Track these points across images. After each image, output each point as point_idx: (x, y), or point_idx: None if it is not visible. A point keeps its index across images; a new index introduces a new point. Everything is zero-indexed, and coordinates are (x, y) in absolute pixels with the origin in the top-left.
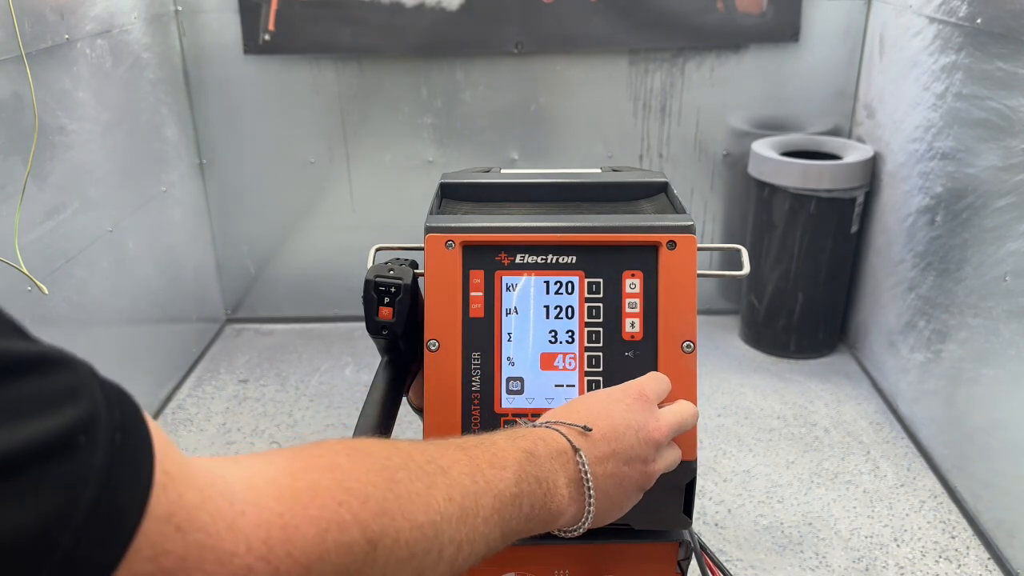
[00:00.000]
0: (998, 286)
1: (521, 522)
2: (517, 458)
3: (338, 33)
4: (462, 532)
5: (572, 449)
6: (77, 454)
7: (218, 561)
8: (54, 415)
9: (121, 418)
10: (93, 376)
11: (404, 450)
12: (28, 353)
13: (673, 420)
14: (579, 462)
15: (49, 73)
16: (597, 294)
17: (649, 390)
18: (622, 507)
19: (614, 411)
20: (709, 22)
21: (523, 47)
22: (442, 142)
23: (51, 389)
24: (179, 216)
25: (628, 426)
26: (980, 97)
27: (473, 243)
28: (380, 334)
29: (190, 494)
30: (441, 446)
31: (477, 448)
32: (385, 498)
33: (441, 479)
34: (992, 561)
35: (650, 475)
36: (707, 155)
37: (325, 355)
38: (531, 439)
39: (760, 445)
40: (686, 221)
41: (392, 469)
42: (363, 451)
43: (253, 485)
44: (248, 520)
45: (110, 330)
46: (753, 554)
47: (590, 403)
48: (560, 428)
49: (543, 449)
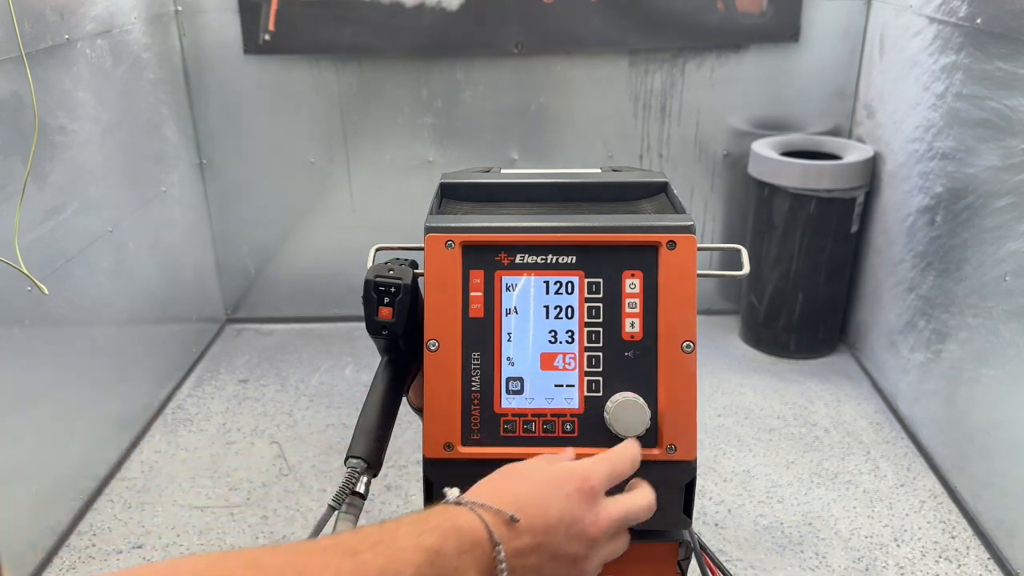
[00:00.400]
0: (998, 286)
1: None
2: (416, 561)
3: (338, 33)
4: None
5: (491, 543)
6: None
7: None
8: None
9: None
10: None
11: (271, 572)
12: None
13: (617, 514)
14: (496, 557)
15: (49, 73)
16: (597, 294)
17: (597, 478)
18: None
19: (550, 500)
20: (709, 22)
21: (523, 47)
22: (442, 142)
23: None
24: (179, 216)
25: (560, 520)
26: (980, 97)
27: (473, 243)
28: (380, 334)
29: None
30: (326, 552)
31: (371, 551)
32: None
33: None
34: (992, 561)
35: (581, 571)
36: (707, 155)
37: (325, 355)
38: (441, 533)
39: (760, 445)
40: (686, 221)
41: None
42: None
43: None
44: None
45: (110, 330)
46: (753, 554)
47: (525, 484)
48: (483, 514)
49: (453, 544)
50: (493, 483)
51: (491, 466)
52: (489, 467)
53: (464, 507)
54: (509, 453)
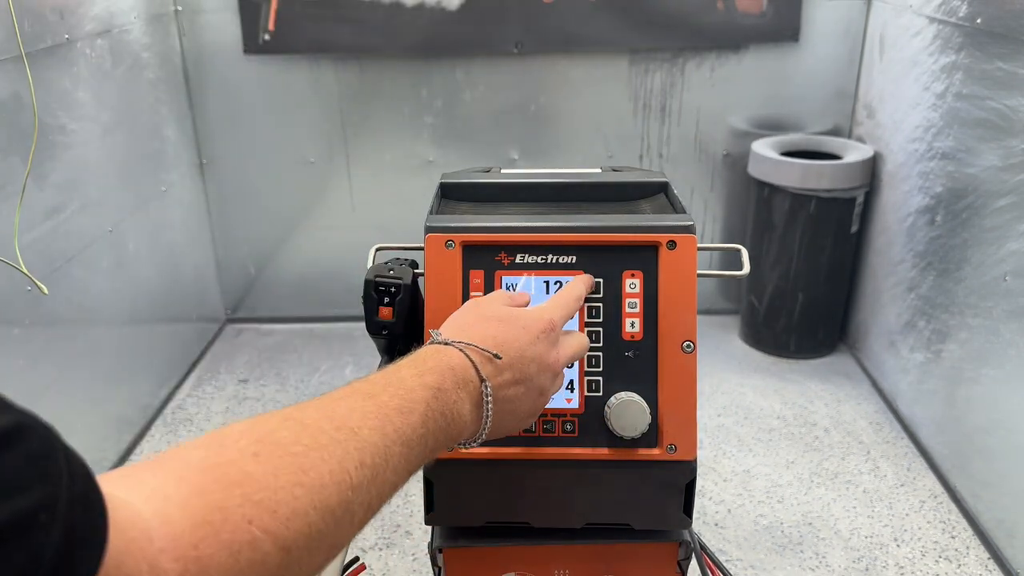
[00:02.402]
0: (998, 286)
1: (426, 456)
2: (424, 398)
3: (338, 33)
4: (372, 492)
5: (479, 379)
6: (36, 533)
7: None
8: (21, 495)
9: (81, 488)
10: (58, 443)
11: (312, 423)
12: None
13: (571, 351)
14: (483, 392)
15: (49, 73)
16: (597, 294)
17: (557, 320)
18: (511, 428)
19: (524, 342)
20: (709, 22)
21: (523, 47)
22: (442, 142)
23: (18, 465)
24: (179, 216)
25: (533, 359)
26: (980, 97)
27: (473, 243)
28: (380, 334)
29: (116, 541)
30: (349, 399)
31: (385, 393)
32: (295, 496)
33: (353, 444)
34: (992, 561)
35: (545, 398)
36: (707, 155)
37: (325, 355)
38: (439, 372)
39: (760, 445)
40: (686, 221)
41: (302, 455)
42: (271, 441)
43: (167, 516)
44: (167, 556)
45: (110, 330)
46: (753, 554)
47: (501, 328)
48: (471, 354)
49: (450, 381)
50: (469, 323)
51: (491, 467)
52: (489, 468)
53: (453, 347)
54: (509, 453)
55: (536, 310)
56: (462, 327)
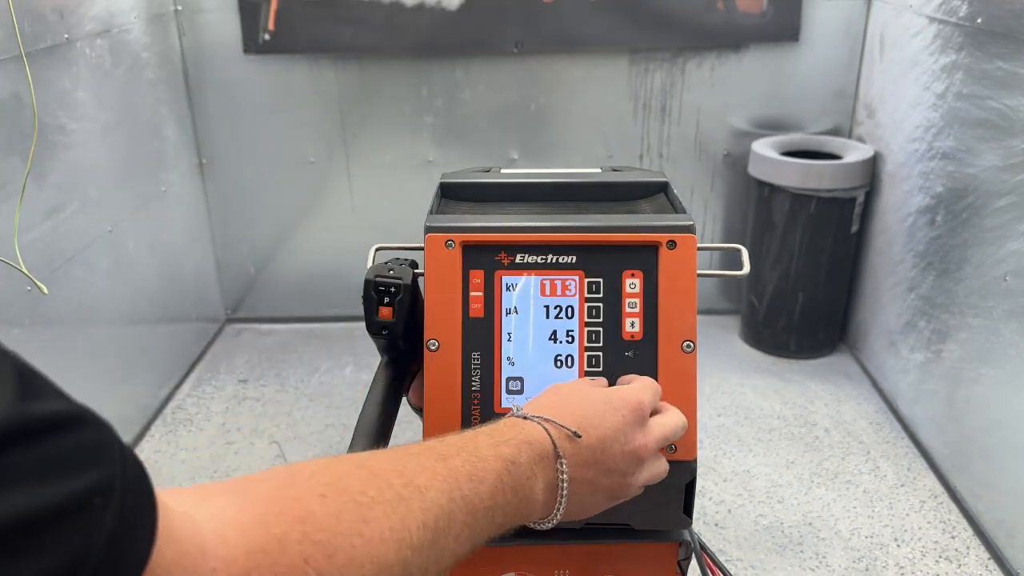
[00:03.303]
0: (998, 286)
1: (492, 530)
2: (497, 469)
3: (338, 33)
4: (432, 556)
5: (555, 455)
6: (92, 515)
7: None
8: (76, 477)
9: (134, 481)
10: (113, 435)
11: (383, 475)
12: (55, 412)
13: (661, 434)
14: (559, 470)
15: (49, 73)
16: (597, 294)
17: (646, 403)
18: (587, 512)
19: (607, 420)
20: (709, 22)
21: (523, 47)
22: (442, 142)
23: (77, 449)
24: (179, 216)
25: (616, 439)
26: (980, 97)
27: (473, 243)
28: (380, 334)
29: (169, 550)
30: (421, 456)
31: (458, 457)
32: (353, 545)
33: (418, 503)
34: (992, 561)
35: (626, 487)
36: (707, 155)
37: (325, 355)
38: (515, 445)
39: (760, 445)
40: (686, 221)
41: (367, 506)
42: (339, 487)
43: (225, 537)
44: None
45: (110, 330)
46: (753, 554)
47: (585, 404)
48: (549, 429)
49: (526, 456)
50: (552, 401)
51: None
52: None
53: (532, 422)
54: None
55: (624, 390)
56: (544, 405)
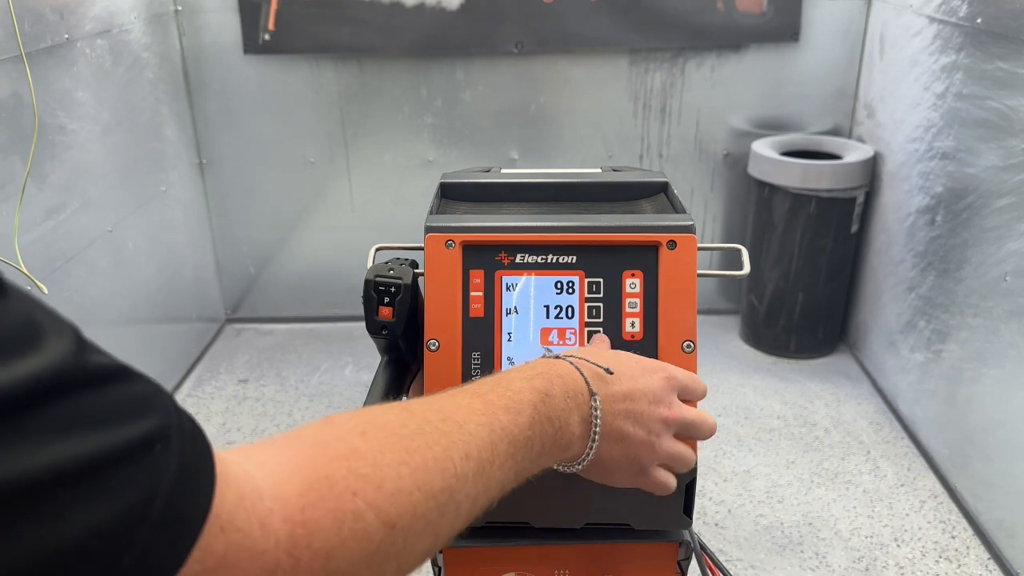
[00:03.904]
0: (998, 286)
1: (532, 460)
2: (532, 400)
3: (338, 33)
4: (479, 486)
5: (588, 391)
6: (154, 460)
7: (251, 559)
8: (136, 422)
9: (190, 429)
10: (163, 390)
11: (419, 413)
12: (110, 365)
13: (689, 414)
14: (592, 405)
15: (49, 73)
16: (597, 294)
17: (678, 377)
18: (616, 471)
19: (639, 376)
20: (709, 22)
21: (523, 47)
22: (442, 142)
23: (133, 398)
24: (179, 216)
25: (645, 394)
26: (980, 97)
27: (473, 243)
28: (380, 334)
29: (229, 494)
30: (456, 396)
31: (493, 392)
32: (400, 475)
33: (458, 436)
34: (992, 561)
35: (651, 450)
36: (707, 155)
37: (325, 355)
38: (548, 378)
39: (760, 445)
40: (686, 221)
41: (407, 438)
42: (378, 424)
43: (277, 480)
44: (276, 517)
45: (110, 330)
46: (753, 554)
47: (618, 358)
48: (582, 366)
49: (559, 388)
50: (586, 351)
51: None
52: None
53: (564, 360)
54: None
55: (658, 361)
56: (584, 350)
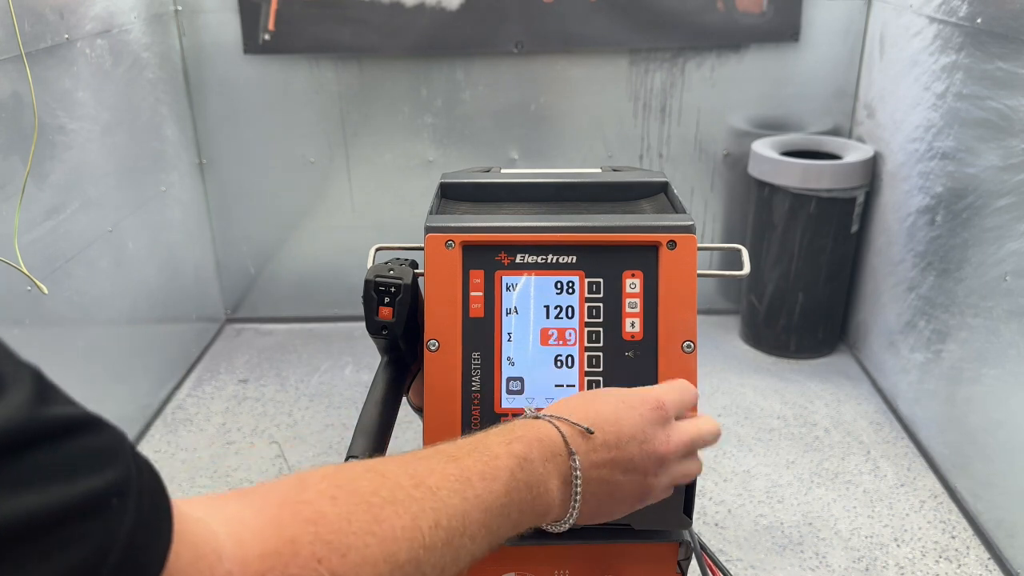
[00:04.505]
0: (998, 286)
1: (508, 529)
2: (509, 466)
3: (338, 33)
4: (447, 556)
5: (567, 452)
6: (110, 515)
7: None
8: (93, 477)
9: (149, 483)
10: (126, 442)
11: (392, 477)
12: (71, 416)
13: (686, 437)
14: (572, 466)
15: (49, 73)
16: (597, 294)
17: (669, 401)
18: (611, 513)
19: (624, 417)
20: (709, 22)
21: (523, 47)
22: (442, 142)
23: (92, 451)
24: (179, 216)
25: (633, 436)
26: (980, 97)
27: (473, 243)
28: (380, 334)
29: (185, 553)
30: (431, 459)
31: (469, 457)
32: (366, 544)
33: (429, 503)
34: (992, 561)
35: (650, 487)
36: (707, 155)
37: (325, 355)
38: (527, 442)
39: (760, 445)
40: (686, 221)
41: (378, 507)
42: (349, 489)
43: (240, 540)
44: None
45: (110, 330)
46: (753, 554)
47: (601, 403)
48: (560, 427)
49: (537, 452)
50: (570, 403)
51: None
52: None
53: (543, 420)
54: None
55: (644, 389)
56: (558, 407)
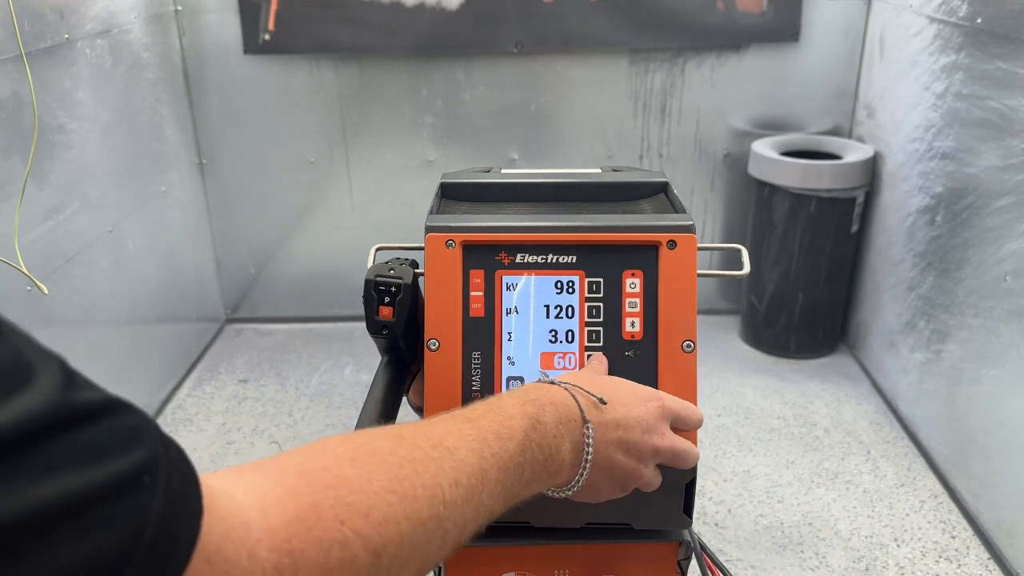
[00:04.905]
0: (998, 286)
1: (522, 487)
2: (523, 426)
3: (338, 33)
4: (467, 513)
5: (582, 419)
6: (142, 492)
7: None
8: (124, 456)
9: (177, 460)
10: (153, 423)
11: (409, 438)
12: (98, 399)
13: (677, 445)
14: (585, 433)
15: (49, 73)
16: (597, 294)
17: (671, 406)
18: (601, 493)
19: (633, 404)
20: (709, 22)
21: (523, 47)
22: (442, 142)
23: (121, 432)
24: (179, 216)
25: (639, 423)
26: (980, 97)
27: (473, 243)
28: (380, 334)
29: (217, 525)
30: (448, 421)
31: (484, 418)
32: (388, 503)
33: (448, 462)
34: (992, 561)
35: (637, 476)
36: (707, 155)
37: (325, 355)
38: (540, 404)
39: (760, 445)
40: (686, 221)
41: (397, 465)
42: (368, 450)
43: (264, 510)
44: (263, 547)
45: (110, 330)
46: (753, 554)
47: (614, 384)
48: (576, 393)
49: (551, 415)
50: (580, 376)
51: None
52: None
53: (558, 386)
54: None
55: (652, 389)
56: (574, 377)
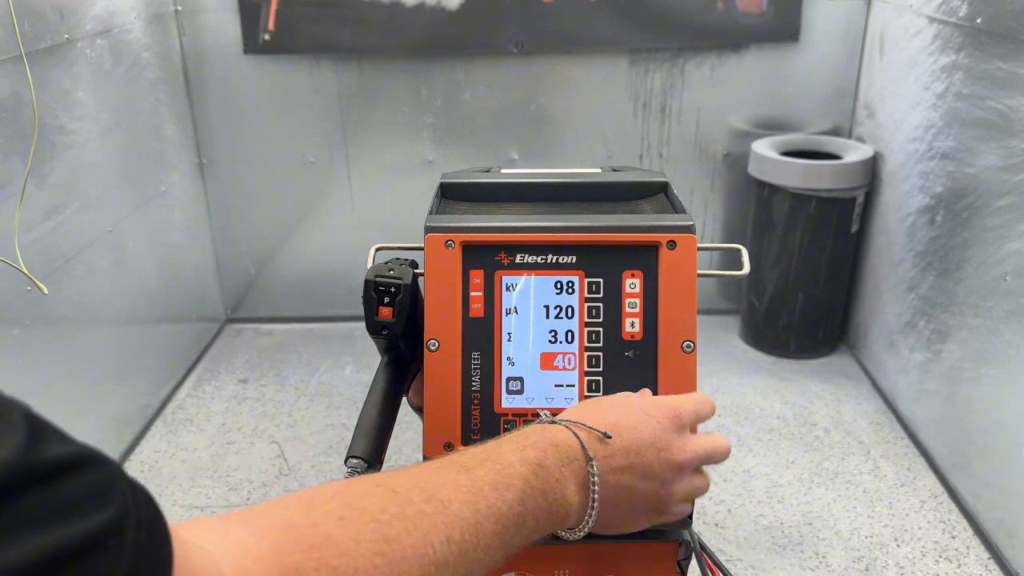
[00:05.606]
0: (998, 286)
1: (524, 538)
2: (523, 473)
3: (338, 33)
4: (460, 570)
5: (585, 457)
6: (108, 554)
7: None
8: (89, 517)
9: (146, 516)
10: (121, 474)
11: (402, 492)
12: (63, 455)
13: (702, 449)
14: (589, 471)
15: (49, 73)
16: (597, 294)
17: (685, 412)
18: (628, 522)
19: (641, 424)
20: (709, 22)
21: (523, 47)
22: (442, 142)
23: (86, 489)
24: (179, 216)
25: (652, 443)
26: (980, 97)
27: (473, 243)
28: (380, 334)
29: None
30: (443, 471)
31: (481, 467)
32: (375, 566)
33: (441, 518)
34: (992, 561)
35: (665, 497)
36: (707, 155)
37: (325, 355)
38: (541, 447)
39: (760, 445)
40: (686, 221)
41: (387, 524)
42: (358, 507)
43: (245, 568)
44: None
45: (110, 330)
46: (753, 554)
47: (619, 409)
48: (578, 432)
49: (553, 457)
50: (585, 408)
51: None
52: None
53: (559, 425)
54: None
55: (662, 397)
56: (572, 412)
